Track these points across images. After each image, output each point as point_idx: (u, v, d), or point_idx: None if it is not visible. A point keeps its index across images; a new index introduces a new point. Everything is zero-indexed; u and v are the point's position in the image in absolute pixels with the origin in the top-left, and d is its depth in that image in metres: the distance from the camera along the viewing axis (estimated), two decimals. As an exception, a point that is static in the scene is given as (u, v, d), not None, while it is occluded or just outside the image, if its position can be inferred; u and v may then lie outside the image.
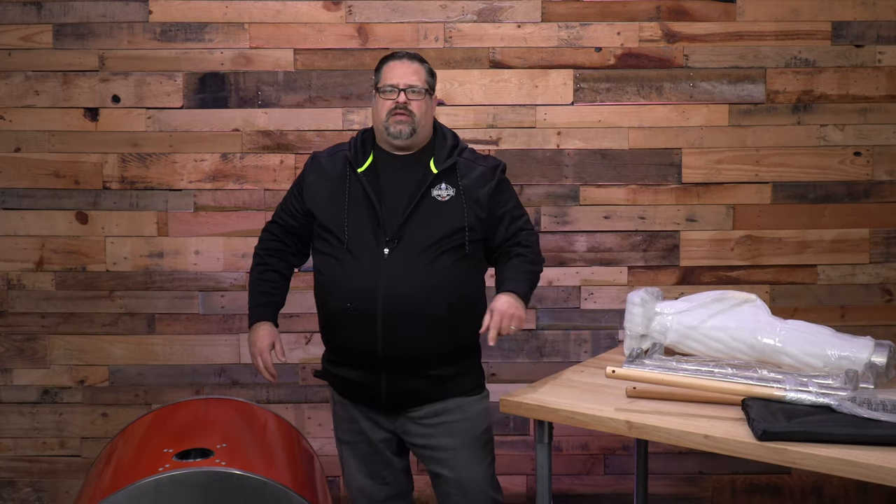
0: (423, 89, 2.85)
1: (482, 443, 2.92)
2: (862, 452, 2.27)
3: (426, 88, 2.86)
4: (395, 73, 2.85)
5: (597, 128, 3.65)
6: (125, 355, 3.71)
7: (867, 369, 2.66)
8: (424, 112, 2.85)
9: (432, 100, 2.90)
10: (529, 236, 2.95)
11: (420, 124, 2.84)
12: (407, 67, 2.86)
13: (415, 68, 2.86)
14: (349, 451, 2.94)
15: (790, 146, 3.66)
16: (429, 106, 2.88)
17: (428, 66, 2.91)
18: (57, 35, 3.61)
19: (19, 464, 3.76)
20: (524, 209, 2.99)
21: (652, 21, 3.62)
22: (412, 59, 2.89)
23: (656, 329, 2.94)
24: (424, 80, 2.86)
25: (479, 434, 2.90)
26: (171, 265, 3.68)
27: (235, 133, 3.65)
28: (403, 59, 2.87)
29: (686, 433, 2.45)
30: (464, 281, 2.86)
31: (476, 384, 2.93)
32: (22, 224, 3.67)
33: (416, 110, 2.83)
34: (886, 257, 3.70)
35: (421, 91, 2.84)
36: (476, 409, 2.90)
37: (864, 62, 3.63)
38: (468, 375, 2.91)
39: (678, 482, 3.77)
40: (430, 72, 2.91)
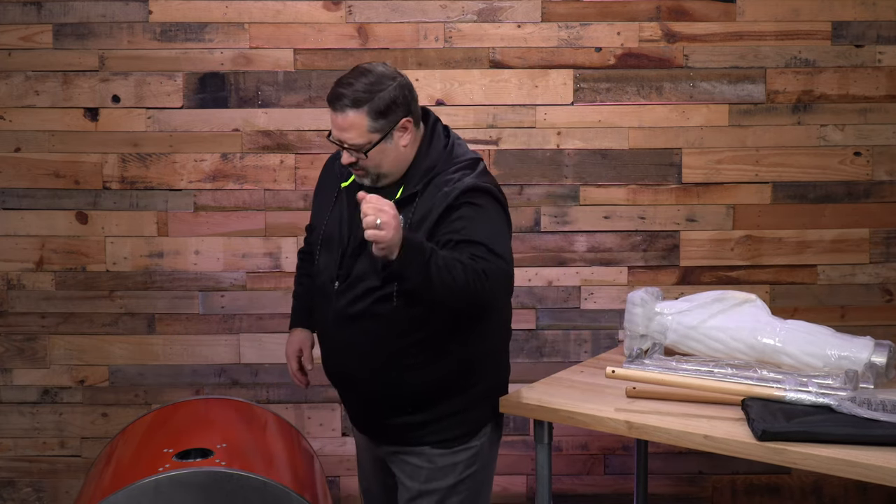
0: (364, 146, 2.43)
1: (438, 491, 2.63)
2: (862, 452, 2.28)
3: (368, 144, 2.43)
4: (332, 122, 2.47)
5: (597, 128, 3.65)
6: (125, 355, 3.71)
7: (867, 369, 2.66)
8: (378, 162, 2.47)
9: (391, 138, 2.46)
10: (486, 262, 2.37)
11: (384, 171, 2.49)
12: (341, 120, 2.44)
13: (350, 121, 2.42)
14: (357, 451, 2.91)
15: (790, 146, 3.66)
16: (385, 151, 2.46)
17: (373, 105, 2.41)
18: (57, 35, 3.61)
19: (19, 464, 3.76)
20: (493, 240, 2.42)
21: (652, 21, 3.62)
22: (347, 106, 2.42)
23: (656, 329, 2.94)
24: (365, 132, 2.43)
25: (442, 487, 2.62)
26: (171, 265, 3.68)
27: (235, 133, 3.65)
28: (337, 109, 2.44)
29: (686, 433, 2.45)
30: (418, 327, 2.50)
31: (451, 436, 2.60)
32: (22, 224, 3.67)
33: (370, 163, 2.47)
34: (886, 257, 3.70)
35: (361, 149, 2.44)
36: (446, 461, 2.61)
37: (864, 62, 3.63)
38: (442, 424, 2.60)
39: (678, 482, 3.77)
40: (379, 111, 2.42)
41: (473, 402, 2.64)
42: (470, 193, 2.46)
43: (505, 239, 2.49)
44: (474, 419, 2.65)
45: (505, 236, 2.50)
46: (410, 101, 2.50)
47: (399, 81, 2.48)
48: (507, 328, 2.77)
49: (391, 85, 2.45)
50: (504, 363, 2.79)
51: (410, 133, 2.50)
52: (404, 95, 2.47)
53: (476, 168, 2.54)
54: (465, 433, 2.64)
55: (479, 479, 2.68)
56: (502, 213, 2.54)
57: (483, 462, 2.68)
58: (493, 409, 2.70)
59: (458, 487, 2.64)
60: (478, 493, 2.69)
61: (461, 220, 2.43)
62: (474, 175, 2.51)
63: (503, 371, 2.78)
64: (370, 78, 2.45)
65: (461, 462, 2.63)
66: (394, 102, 2.44)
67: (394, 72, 2.51)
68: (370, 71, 2.47)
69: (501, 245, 2.45)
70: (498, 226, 2.48)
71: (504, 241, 2.48)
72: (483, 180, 2.51)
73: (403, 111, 2.47)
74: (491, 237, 2.42)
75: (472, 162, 2.56)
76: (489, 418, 2.69)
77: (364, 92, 2.42)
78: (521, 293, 3.68)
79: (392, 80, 2.47)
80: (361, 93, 2.42)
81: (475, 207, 2.45)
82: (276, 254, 3.64)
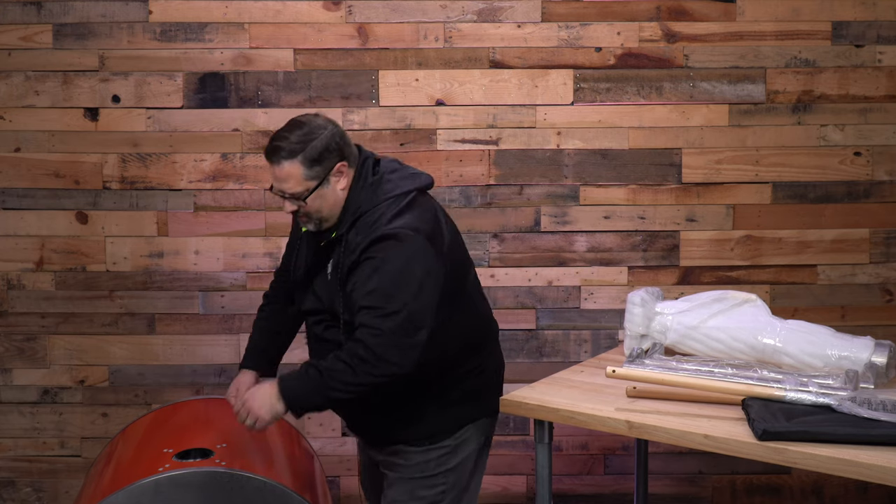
0: (302, 193, 2.53)
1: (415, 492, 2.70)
2: (862, 452, 2.27)
3: (305, 191, 2.53)
4: (271, 174, 2.57)
5: (597, 128, 3.65)
6: (125, 355, 3.70)
7: (867, 369, 2.66)
8: (318, 207, 2.57)
9: (328, 183, 2.55)
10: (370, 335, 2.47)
11: (324, 215, 2.59)
12: (278, 172, 2.54)
13: (286, 171, 2.53)
14: (357, 450, 2.97)
15: (790, 146, 3.66)
16: (323, 196, 2.55)
17: (307, 154, 2.52)
18: (57, 35, 3.61)
19: (19, 464, 3.76)
20: (386, 298, 2.48)
21: (652, 21, 3.62)
22: (283, 158, 2.53)
23: (656, 329, 2.94)
24: (301, 180, 2.52)
25: (416, 481, 2.70)
26: (171, 265, 3.68)
27: (235, 133, 3.65)
28: (273, 161, 2.54)
29: (686, 433, 2.45)
30: None
31: (424, 434, 2.69)
32: (22, 224, 3.67)
33: (311, 209, 2.57)
34: (886, 257, 3.70)
35: (299, 196, 2.54)
36: (418, 459, 2.69)
37: (864, 62, 3.63)
38: (415, 424, 2.68)
39: (678, 482, 3.77)
40: (313, 159, 2.52)
41: (448, 403, 2.69)
42: (373, 248, 2.53)
43: (407, 284, 2.50)
44: (451, 418, 2.70)
45: (408, 281, 2.50)
46: (343, 146, 2.58)
47: (331, 130, 2.57)
48: (476, 330, 2.76)
49: (323, 133, 2.55)
50: (486, 364, 2.78)
51: (346, 176, 2.59)
52: (336, 142, 2.57)
53: (399, 204, 2.58)
54: (440, 431, 2.69)
55: (456, 477, 2.73)
56: (412, 255, 2.52)
57: (461, 460, 2.72)
58: (476, 410, 2.74)
59: (430, 482, 2.70)
60: (457, 490, 2.74)
61: (360, 282, 2.52)
62: (393, 214, 2.55)
63: (487, 373, 2.78)
64: (303, 129, 2.56)
65: (433, 459, 2.69)
66: (326, 149, 2.54)
67: (326, 122, 2.60)
68: (303, 123, 2.58)
69: (401, 295, 2.49)
70: (396, 274, 2.50)
71: (405, 288, 2.49)
72: (398, 224, 2.54)
73: (337, 156, 2.56)
74: (385, 295, 2.49)
75: (396, 198, 2.58)
76: (470, 418, 2.73)
77: (297, 143, 2.53)
78: (521, 293, 3.68)
79: (324, 129, 2.57)
80: (295, 144, 2.53)
81: (375, 262, 2.51)
82: (275, 254, 3.64)
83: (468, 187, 3.66)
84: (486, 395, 2.77)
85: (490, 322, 2.84)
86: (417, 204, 2.61)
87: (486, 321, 2.83)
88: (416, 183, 2.65)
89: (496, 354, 2.84)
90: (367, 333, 2.48)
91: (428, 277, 2.53)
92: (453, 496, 2.73)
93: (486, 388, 2.77)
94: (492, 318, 2.86)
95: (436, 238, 2.59)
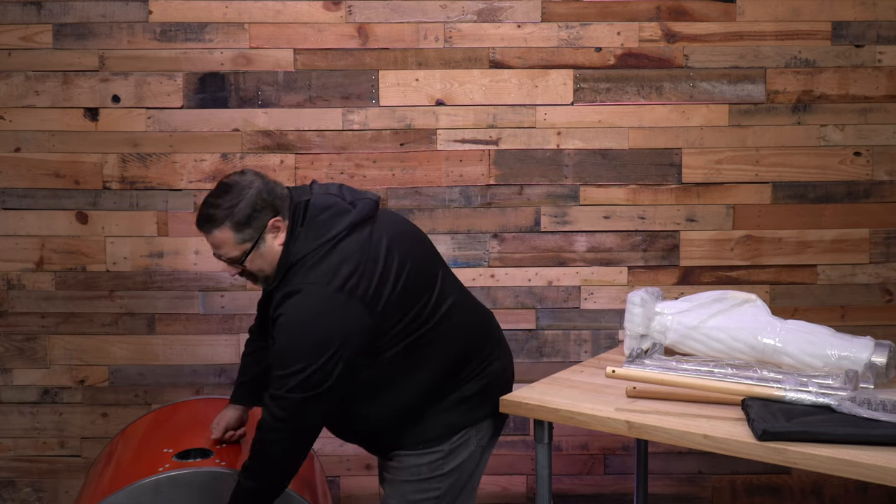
0: (237, 257, 2.50)
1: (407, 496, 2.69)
2: (862, 452, 2.27)
3: (240, 255, 2.50)
4: (208, 243, 2.54)
5: (597, 128, 3.65)
6: (125, 355, 3.70)
7: (867, 369, 2.66)
8: (259, 266, 2.52)
9: (264, 241, 2.50)
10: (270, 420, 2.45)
11: (268, 272, 2.54)
12: (211, 240, 2.51)
13: (218, 239, 2.49)
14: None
15: (790, 146, 3.66)
16: (262, 255, 2.50)
17: (235, 219, 2.46)
18: (57, 35, 3.61)
19: (19, 464, 3.76)
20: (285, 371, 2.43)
21: (652, 21, 3.62)
22: (211, 225, 2.48)
23: (656, 329, 2.94)
24: (234, 245, 2.48)
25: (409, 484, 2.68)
26: (171, 265, 3.68)
27: (235, 133, 3.65)
28: (203, 231, 2.50)
29: (686, 433, 2.45)
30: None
31: (418, 440, 2.66)
32: (22, 224, 3.67)
33: (253, 269, 2.53)
34: (886, 257, 3.70)
35: (235, 260, 2.51)
36: (411, 462, 2.67)
37: (864, 62, 3.63)
38: (407, 431, 2.65)
39: (678, 482, 3.77)
40: (241, 223, 2.46)
41: (442, 410, 2.65)
42: (281, 306, 2.46)
43: (303, 348, 2.42)
44: (445, 424, 2.66)
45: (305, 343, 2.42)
46: (273, 200, 2.50)
47: (257, 187, 2.49)
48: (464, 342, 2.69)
49: (249, 193, 2.48)
50: (488, 368, 2.73)
51: (283, 230, 2.52)
52: (264, 199, 2.49)
53: (320, 253, 2.48)
54: (434, 437, 2.65)
55: (452, 481, 2.70)
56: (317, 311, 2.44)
57: (458, 464, 2.69)
58: (476, 414, 2.70)
59: (423, 486, 2.67)
60: (453, 494, 2.71)
61: (270, 349, 2.49)
62: (311, 265, 2.47)
63: (489, 376, 2.73)
64: (230, 193, 2.49)
65: (425, 464, 2.66)
66: (254, 209, 2.48)
67: (253, 178, 2.52)
68: (229, 186, 2.51)
69: (295, 364, 2.42)
70: (296, 338, 2.43)
71: (299, 354, 2.42)
72: (310, 278, 2.45)
73: (269, 212, 2.50)
74: (284, 364, 2.43)
75: (320, 247, 2.49)
76: (469, 423, 2.69)
77: (224, 209, 2.47)
78: (521, 293, 3.68)
79: (249, 189, 2.49)
80: (221, 210, 2.47)
81: (279, 327, 2.45)
82: (276, 254, 3.64)
83: (468, 187, 3.66)
84: (490, 397, 2.71)
85: (483, 326, 2.78)
86: (343, 247, 2.49)
87: (478, 327, 2.76)
88: (349, 219, 2.53)
89: (498, 355, 2.78)
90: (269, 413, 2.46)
91: (335, 337, 2.43)
92: (449, 500, 2.70)
93: (489, 391, 2.72)
94: (487, 321, 2.80)
95: (360, 285, 2.47)
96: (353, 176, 3.64)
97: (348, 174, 3.65)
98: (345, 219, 2.54)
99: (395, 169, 3.65)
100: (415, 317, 2.57)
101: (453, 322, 2.65)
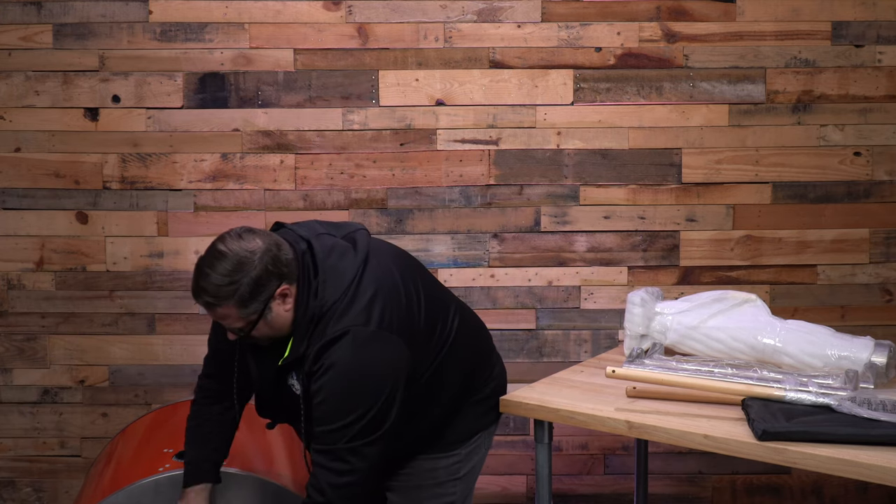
0: (243, 328, 2.35)
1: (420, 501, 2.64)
2: (862, 452, 2.27)
3: (247, 324, 2.34)
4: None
5: (597, 128, 3.65)
6: (125, 355, 3.70)
7: (867, 369, 2.66)
8: (267, 333, 2.39)
9: (271, 310, 2.35)
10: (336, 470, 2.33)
11: (274, 335, 2.40)
12: (212, 314, 2.37)
13: (220, 314, 2.35)
14: None
15: (790, 146, 3.66)
16: (270, 322, 2.36)
17: (238, 295, 2.29)
18: (57, 35, 3.61)
19: (19, 464, 3.76)
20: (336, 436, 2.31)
21: (652, 21, 3.62)
22: (212, 304, 2.33)
23: (656, 329, 2.94)
24: (238, 317, 2.33)
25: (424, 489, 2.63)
26: (171, 265, 3.68)
27: (235, 133, 3.65)
28: (200, 303, 2.36)
29: (686, 433, 2.45)
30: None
31: (438, 444, 2.62)
32: (22, 224, 3.67)
33: (258, 335, 2.39)
34: (886, 257, 3.70)
35: (242, 331, 2.37)
36: (427, 466, 2.62)
37: (864, 62, 3.63)
38: (424, 443, 2.62)
39: (678, 482, 3.77)
40: (245, 297, 2.30)
41: (464, 412, 2.64)
42: (323, 356, 2.32)
43: (362, 392, 2.31)
44: (467, 426, 2.65)
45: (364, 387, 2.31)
46: (279, 267, 2.33)
47: (260, 256, 2.31)
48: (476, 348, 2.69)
49: (251, 266, 2.30)
50: (494, 371, 2.74)
51: (291, 296, 2.36)
52: (268, 269, 2.31)
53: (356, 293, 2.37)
54: (455, 440, 2.64)
55: (465, 486, 2.68)
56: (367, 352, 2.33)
57: (471, 468, 2.68)
58: (490, 416, 2.71)
59: (439, 491, 2.64)
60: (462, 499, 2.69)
61: (315, 402, 2.33)
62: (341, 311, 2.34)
63: (496, 377, 2.74)
64: (228, 263, 2.31)
65: (442, 468, 2.63)
66: (258, 283, 2.30)
67: (253, 249, 2.32)
68: (227, 256, 2.32)
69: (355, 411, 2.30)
70: (354, 384, 2.31)
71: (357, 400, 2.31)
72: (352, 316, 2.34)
73: (276, 282, 2.33)
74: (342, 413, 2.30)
75: (346, 288, 2.37)
76: (484, 426, 2.70)
77: (226, 285, 2.30)
78: (521, 293, 3.68)
79: (251, 260, 2.31)
80: (223, 287, 2.30)
81: (330, 377, 2.31)
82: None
83: (468, 187, 3.66)
84: (497, 399, 2.73)
85: (483, 331, 2.78)
86: (365, 287, 2.37)
87: (480, 332, 2.76)
88: (359, 257, 2.42)
89: (497, 357, 2.80)
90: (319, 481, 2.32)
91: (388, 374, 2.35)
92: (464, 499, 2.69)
93: (496, 394, 2.73)
94: (482, 325, 2.80)
95: (394, 320, 2.38)
96: (353, 176, 3.65)
97: (348, 174, 3.65)
98: (353, 257, 2.42)
99: (395, 169, 3.65)
100: (438, 336, 2.54)
101: (464, 333, 2.64)
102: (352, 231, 2.52)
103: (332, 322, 2.33)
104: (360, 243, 2.46)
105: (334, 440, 2.32)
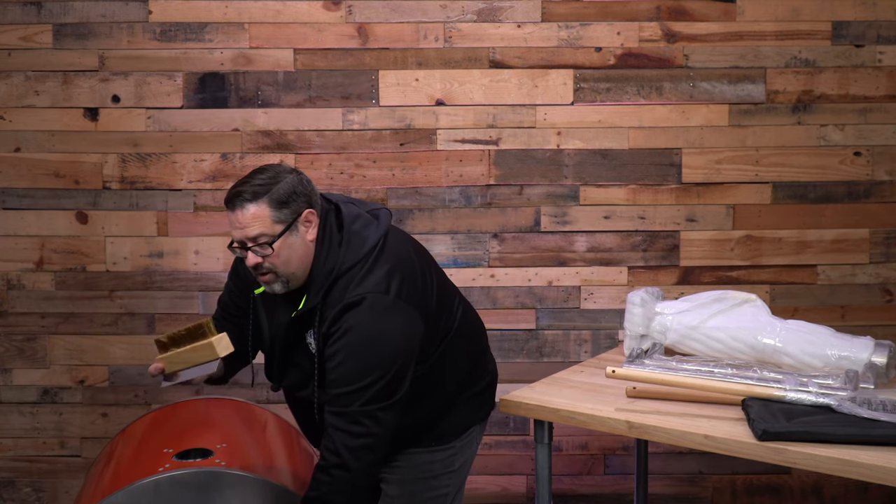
0: (269, 238, 2.35)
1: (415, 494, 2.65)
2: (862, 452, 2.28)
3: (273, 235, 2.35)
4: (233, 224, 2.37)
5: (597, 128, 3.65)
6: (125, 355, 3.70)
7: (867, 369, 2.66)
8: (287, 259, 2.38)
9: (297, 231, 2.38)
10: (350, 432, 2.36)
11: (293, 269, 2.40)
12: (241, 217, 2.34)
13: (251, 214, 2.33)
14: None
15: (790, 146, 3.66)
16: (292, 246, 2.37)
17: (275, 194, 2.34)
18: (57, 35, 3.61)
19: (19, 464, 3.76)
20: (355, 394, 2.35)
21: (652, 21, 3.62)
22: (247, 201, 2.34)
23: (656, 329, 2.94)
24: (269, 223, 2.34)
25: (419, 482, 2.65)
26: (171, 265, 3.68)
27: (235, 133, 3.65)
28: (236, 206, 2.35)
29: (686, 433, 2.45)
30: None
31: (433, 436, 2.64)
32: (22, 224, 3.67)
33: (276, 264, 2.38)
34: (886, 257, 3.70)
35: (267, 242, 2.35)
36: (423, 459, 2.64)
37: (864, 62, 3.63)
38: (422, 433, 2.63)
39: (678, 482, 3.77)
40: (281, 200, 2.35)
41: (460, 404, 2.67)
42: (340, 319, 2.36)
43: (377, 358, 2.36)
44: (462, 419, 2.68)
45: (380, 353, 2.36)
46: (310, 192, 2.42)
47: (296, 175, 2.42)
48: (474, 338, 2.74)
49: (288, 177, 2.40)
50: (489, 365, 2.78)
51: (315, 226, 2.42)
52: (303, 186, 2.41)
53: (377, 261, 2.42)
54: (450, 432, 2.66)
55: (459, 479, 2.71)
56: (385, 320, 2.38)
57: (465, 461, 2.71)
58: (483, 409, 2.74)
59: (433, 483, 2.66)
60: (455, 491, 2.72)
61: (331, 365, 2.37)
62: (363, 275, 2.39)
63: (490, 372, 2.78)
64: (266, 173, 2.40)
65: (438, 461, 2.66)
66: (294, 192, 2.37)
67: (290, 167, 2.47)
68: (265, 168, 2.43)
69: (369, 376, 2.35)
70: (369, 349, 2.35)
71: (373, 365, 2.35)
72: (372, 282, 2.39)
73: (305, 201, 2.40)
74: (358, 377, 2.34)
75: (367, 253, 2.43)
76: (478, 419, 2.73)
77: (262, 185, 2.36)
78: (521, 293, 3.68)
79: (289, 174, 2.41)
80: (259, 186, 2.36)
81: (346, 341, 2.35)
82: (276, 254, 3.64)
83: (468, 187, 3.66)
84: (491, 394, 2.77)
85: (482, 326, 2.82)
86: (386, 257, 2.44)
87: (480, 326, 2.81)
88: (381, 229, 2.48)
89: (490, 353, 2.84)
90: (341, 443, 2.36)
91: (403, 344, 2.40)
92: (453, 498, 2.72)
93: (491, 388, 2.78)
94: (480, 320, 2.83)
95: (412, 293, 2.43)
96: (353, 176, 3.65)
97: (348, 174, 3.65)
98: (377, 229, 2.48)
99: (395, 169, 3.65)
100: (445, 322, 2.59)
101: (466, 325, 2.69)
102: (376, 209, 2.59)
103: (352, 286, 2.38)
104: (383, 220, 2.53)
105: (349, 402, 2.37)
